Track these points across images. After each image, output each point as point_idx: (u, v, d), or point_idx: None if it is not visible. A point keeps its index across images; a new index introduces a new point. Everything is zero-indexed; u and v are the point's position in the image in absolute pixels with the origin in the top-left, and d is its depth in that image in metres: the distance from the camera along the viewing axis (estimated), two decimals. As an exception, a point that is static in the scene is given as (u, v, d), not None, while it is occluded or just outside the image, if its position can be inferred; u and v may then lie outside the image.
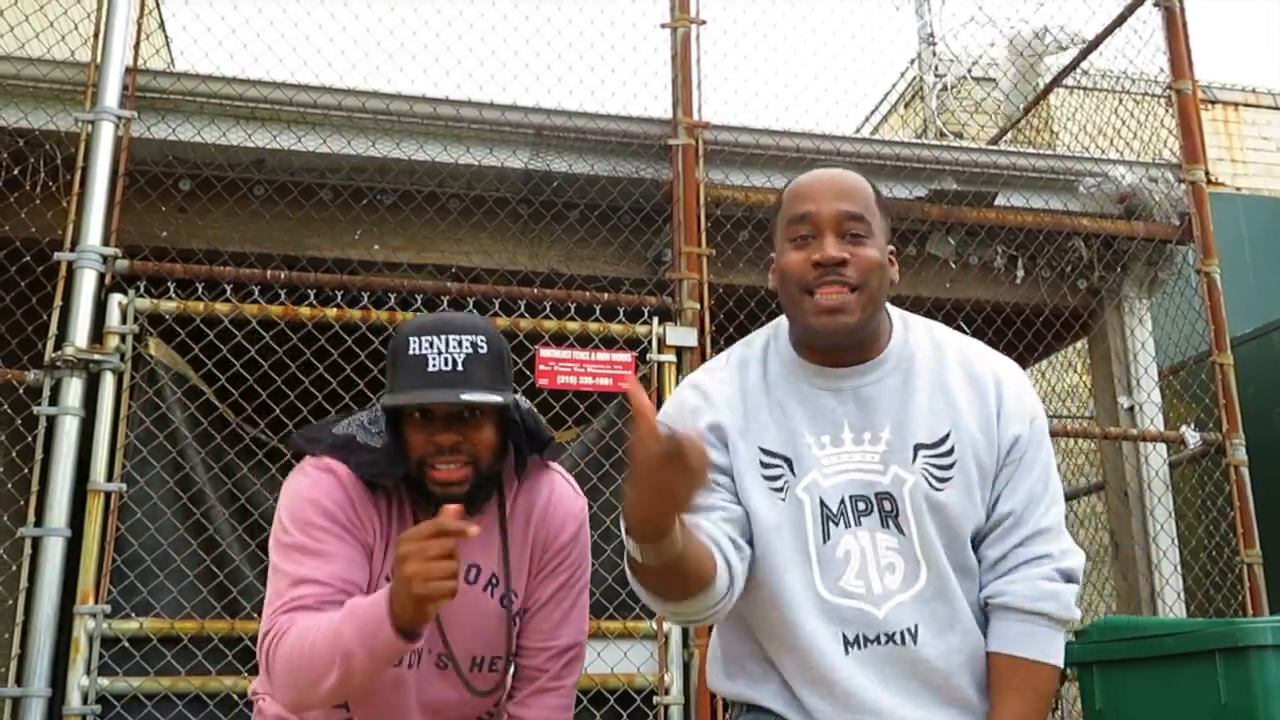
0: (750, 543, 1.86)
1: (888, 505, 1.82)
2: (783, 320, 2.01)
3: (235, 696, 3.80)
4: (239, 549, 4.01)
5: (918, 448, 1.85)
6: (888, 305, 1.96)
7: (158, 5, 7.06)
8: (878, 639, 1.79)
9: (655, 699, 4.13)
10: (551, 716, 2.18)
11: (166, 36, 7.63)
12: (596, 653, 4.13)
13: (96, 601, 3.73)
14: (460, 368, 2.00)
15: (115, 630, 3.75)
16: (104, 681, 3.70)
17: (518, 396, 2.20)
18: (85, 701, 3.67)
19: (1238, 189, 9.80)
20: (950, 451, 1.85)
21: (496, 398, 2.01)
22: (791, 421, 1.87)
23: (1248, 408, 5.08)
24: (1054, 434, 5.66)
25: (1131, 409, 5.40)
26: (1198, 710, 3.53)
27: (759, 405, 1.89)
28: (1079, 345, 6.19)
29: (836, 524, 1.82)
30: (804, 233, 1.86)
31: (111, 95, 4.15)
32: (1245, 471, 4.89)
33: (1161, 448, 5.32)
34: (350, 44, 4.75)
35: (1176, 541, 5.21)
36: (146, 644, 3.79)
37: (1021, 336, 5.37)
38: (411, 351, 2.02)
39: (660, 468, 1.49)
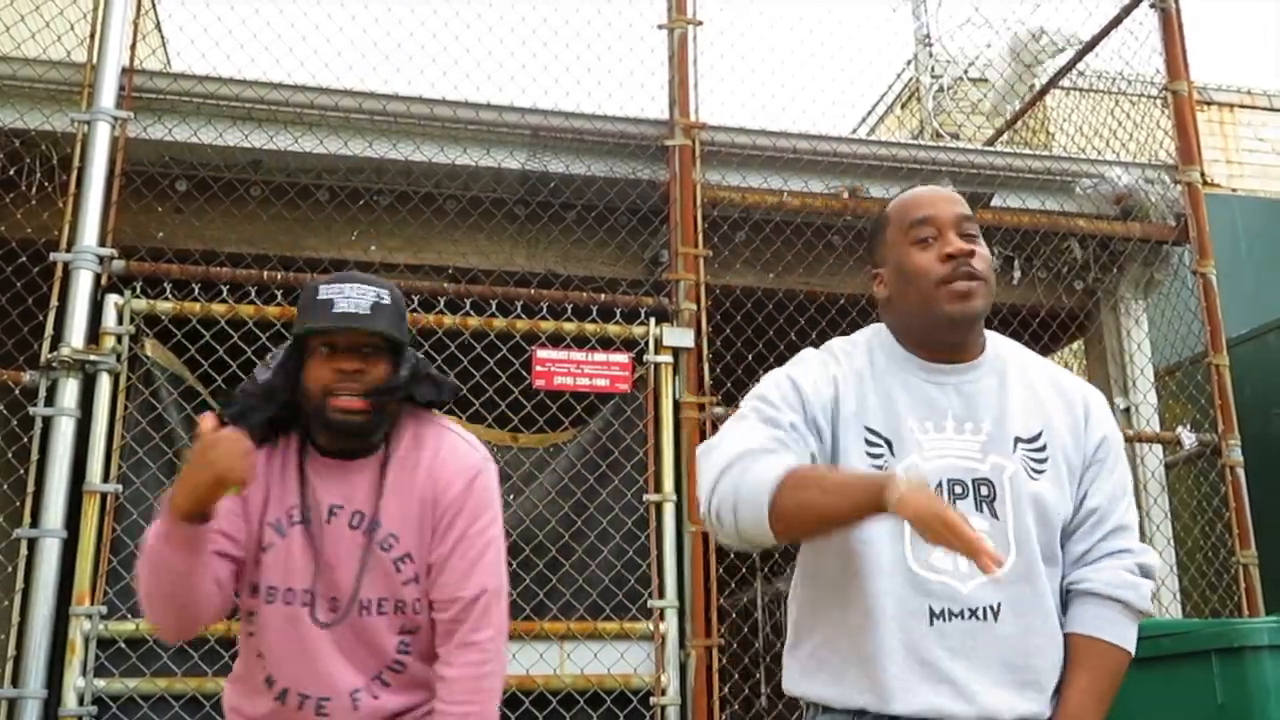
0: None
1: (984, 490, 1.93)
2: (877, 325, 2.15)
3: (232, 698, 3.79)
4: (235, 550, 4.01)
5: (1017, 440, 1.98)
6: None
7: (154, 6, 7.05)
8: (961, 614, 1.88)
9: (652, 700, 4.13)
10: (470, 672, 2.23)
11: (163, 37, 7.62)
12: (593, 653, 4.13)
13: (92, 603, 3.73)
14: (367, 311, 2.21)
15: (111, 631, 3.75)
16: (100, 683, 3.70)
17: (418, 355, 2.37)
18: (81, 703, 3.67)
19: (1233, 190, 9.81)
20: (1044, 448, 1.99)
21: (396, 334, 2.24)
22: (895, 406, 1.99)
23: (1244, 408, 5.08)
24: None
25: (1128, 410, 5.40)
26: (1194, 710, 3.53)
27: (867, 388, 2.01)
28: (1075, 346, 6.20)
29: None
30: (927, 234, 2.01)
31: (108, 96, 4.15)
32: (1241, 472, 4.89)
33: (1158, 448, 5.33)
34: (346, 45, 4.75)
35: (1173, 542, 5.22)
36: (142, 645, 3.79)
37: (1018, 337, 5.32)
38: (320, 296, 2.24)
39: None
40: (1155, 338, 5.53)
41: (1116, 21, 5.61)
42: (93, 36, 4.24)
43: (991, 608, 1.89)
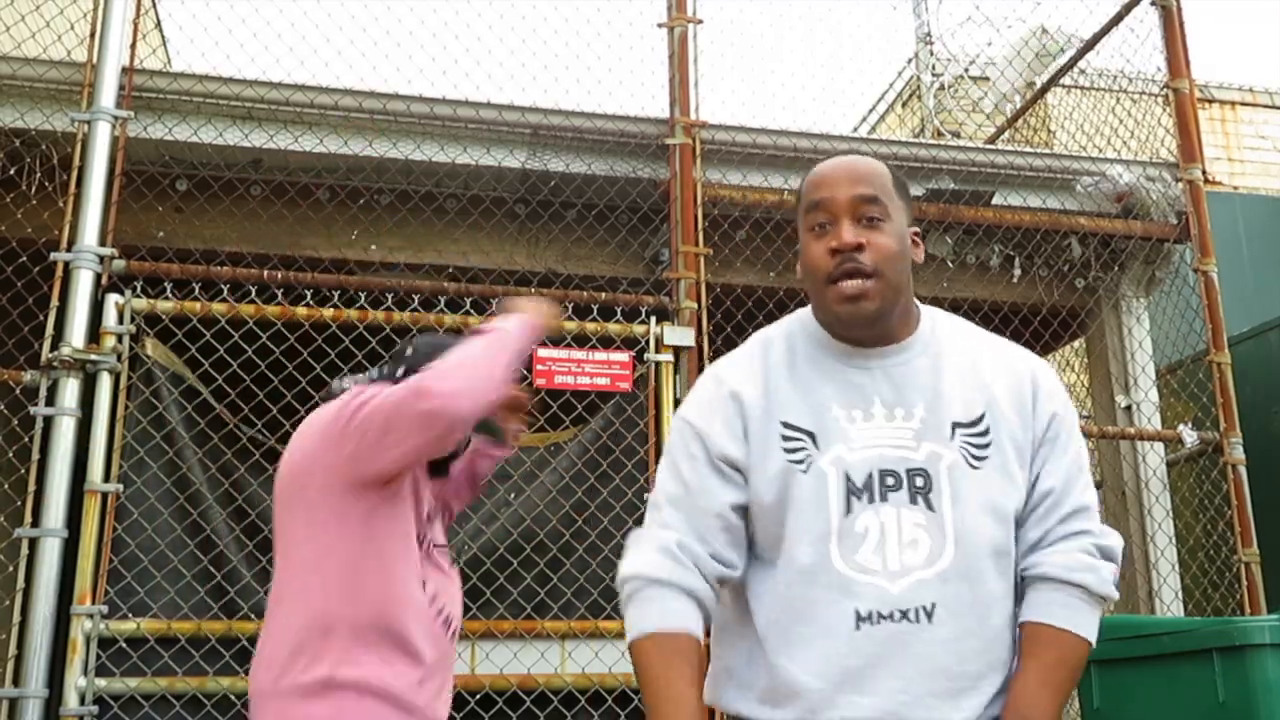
0: (750, 542, 1.88)
1: (919, 481, 1.79)
2: (806, 309, 2.01)
3: (233, 697, 3.79)
4: (236, 549, 4.01)
5: (955, 426, 1.83)
6: (915, 300, 1.96)
7: (154, 5, 7.06)
8: (890, 616, 1.73)
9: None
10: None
11: (163, 36, 7.63)
12: (594, 652, 4.13)
13: (93, 602, 3.73)
14: None
15: (112, 631, 3.75)
16: (101, 682, 3.70)
17: None
18: (82, 702, 3.66)
19: (1235, 188, 9.81)
20: (986, 431, 1.84)
21: None
22: (817, 395, 1.85)
23: (1245, 406, 5.08)
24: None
25: (1129, 408, 5.40)
26: (1196, 709, 3.53)
27: (781, 381, 1.88)
28: (1076, 344, 6.19)
29: (860, 498, 1.78)
30: (821, 220, 1.85)
31: (108, 95, 4.15)
32: (1243, 470, 4.89)
33: (1159, 447, 5.32)
34: (346, 44, 4.74)
35: (1174, 540, 5.22)
36: (143, 645, 3.79)
37: (1019, 335, 5.37)
38: None
39: None
40: (1156, 336, 5.53)
41: (1117, 19, 5.60)
42: (93, 36, 4.23)
43: (925, 608, 1.73)
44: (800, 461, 1.81)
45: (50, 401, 3.82)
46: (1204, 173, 5.30)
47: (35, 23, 4.48)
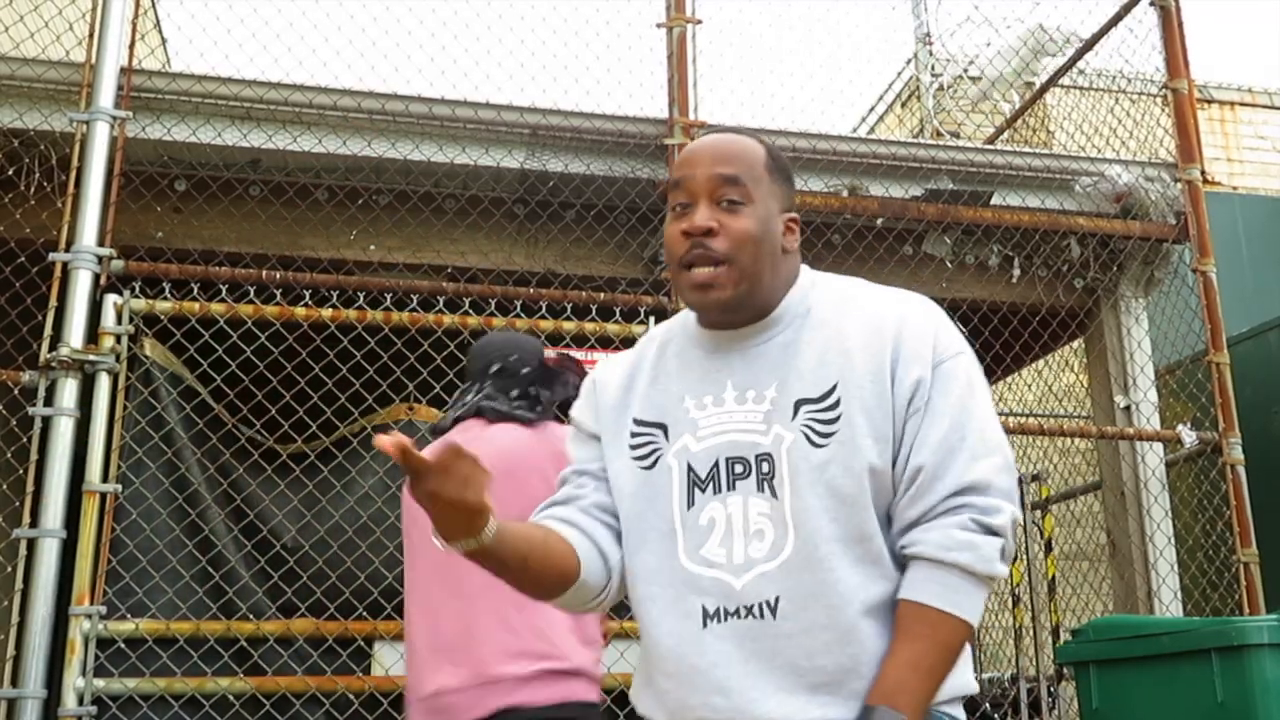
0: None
1: (765, 467, 1.68)
2: None
3: (231, 698, 3.79)
4: (235, 550, 4.01)
5: (799, 404, 1.70)
6: (805, 269, 1.87)
7: (153, 5, 7.05)
8: (737, 612, 1.64)
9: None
10: None
11: (162, 36, 7.63)
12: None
13: (92, 603, 3.72)
14: None
15: (111, 631, 3.75)
16: (99, 683, 3.70)
17: None
18: (81, 703, 3.66)
19: (1234, 188, 9.81)
20: (834, 405, 1.69)
21: None
22: (674, 388, 1.79)
23: (1244, 407, 5.08)
24: (1050, 433, 5.68)
25: (1128, 408, 5.40)
26: (1194, 708, 3.53)
27: (639, 379, 1.84)
28: (1075, 344, 6.19)
29: (704, 490, 1.71)
30: (681, 200, 1.76)
31: (106, 95, 4.15)
32: (1242, 470, 4.89)
33: (1158, 447, 5.32)
34: (344, 44, 4.75)
35: (1173, 540, 5.22)
36: (142, 645, 3.79)
37: (1018, 336, 5.37)
38: None
39: (431, 483, 1.49)
40: (1155, 336, 5.53)
41: (1116, 19, 5.60)
42: (91, 36, 4.23)
43: (768, 603, 1.63)
44: (644, 458, 1.77)
45: (49, 402, 3.82)
46: (1203, 173, 5.30)
47: (34, 23, 4.48)
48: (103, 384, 3.88)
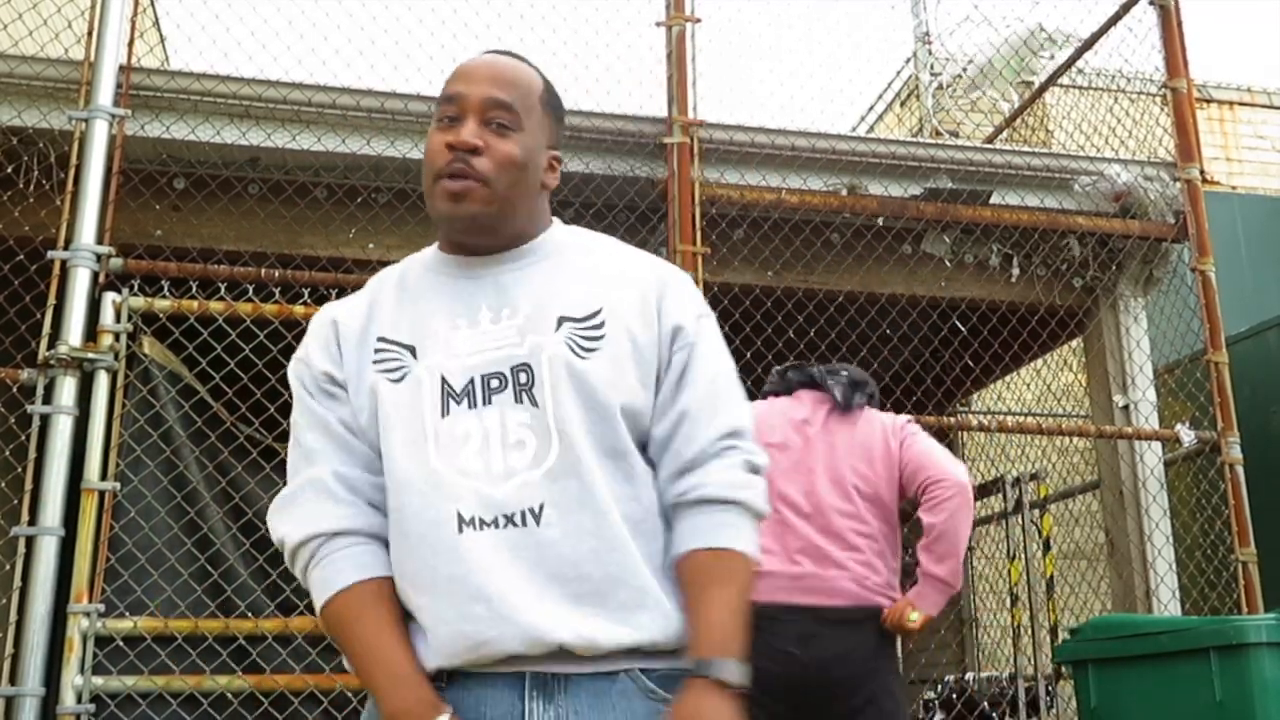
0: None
1: (523, 378, 1.65)
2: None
3: (230, 696, 3.80)
4: (233, 548, 4.01)
5: (562, 319, 1.69)
6: (557, 220, 1.86)
7: (152, 3, 7.05)
8: (495, 521, 1.58)
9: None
10: None
11: (161, 34, 7.62)
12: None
13: (90, 600, 3.72)
14: None
15: (109, 629, 3.75)
16: (98, 680, 3.70)
17: None
18: (79, 700, 3.66)
19: (1233, 188, 9.82)
20: (600, 325, 1.69)
21: None
22: (420, 310, 1.74)
23: (1243, 406, 5.08)
24: (1049, 432, 5.68)
25: (1127, 407, 5.40)
26: (1193, 707, 3.53)
27: (386, 303, 1.77)
28: (1074, 344, 6.20)
29: (459, 403, 1.65)
30: (450, 114, 1.73)
31: (105, 93, 4.14)
32: (1240, 470, 4.89)
33: (1157, 446, 5.32)
34: (343, 42, 4.75)
35: (1171, 540, 5.22)
36: (140, 643, 3.79)
37: (1017, 335, 5.38)
38: None
39: None
40: (1154, 335, 5.53)
41: (1116, 19, 5.61)
42: (90, 34, 4.23)
43: (532, 510, 1.58)
44: (392, 372, 1.69)
45: (47, 400, 3.81)
46: (1202, 172, 5.30)
47: (32, 21, 4.48)
48: (101, 382, 3.88)
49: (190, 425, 4.09)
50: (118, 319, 3.95)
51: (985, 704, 5.68)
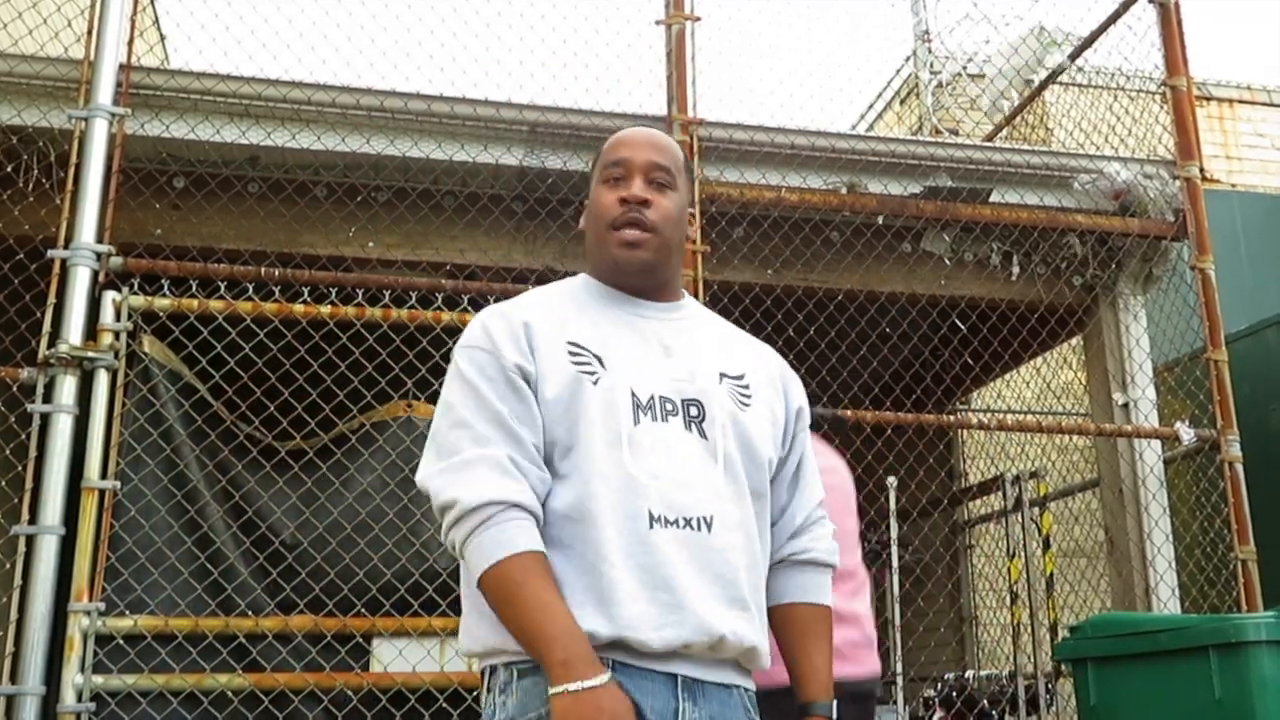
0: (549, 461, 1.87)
1: (694, 411, 1.91)
2: (581, 276, 2.12)
3: (230, 694, 3.80)
4: (233, 546, 4.01)
5: (722, 375, 1.97)
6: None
7: (151, 2, 7.05)
8: (677, 521, 1.80)
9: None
10: None
11: (160, 33, 7.62)
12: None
13: (91, 599, 3.72)
14: None
15: (109, 628, 3.75)
16: (98, 679, 3.70)
17: None
18: (79, 699, 3.66)
19: (1233, 186, 9.82)
20: (748, 386, 1.99)
21: None
22: (601, 329, 1.95)
23: (1242, 404, 5.08)
24: (1049, 431, 5.69)
25: (1126, 405, 5.40)
26: (1192, 705, 3.54)
27: (569, 311, 1.97)
28: (1074, 342, 6.20)
29: (645, 414, 1.87)
30: (617, 174, 2.01)
31: (105, 92, 4.14)
32: (1240, 468, 4.89)
33: (1156, 444, 5.33)
34: (344, 41, 4.74)
35: (1171, 538, 5.22)
36: (141, 641, 3.79)
37: (1016, 333, 5.38)
38: None
39: None
40: (1154, 333, 5.54)
41: (1115, 17, 5.61)
42: (90, 33, 4.23)
43: (705, 519, 1.83)
44: (590, 374, 1.87)
45: (48, 399, 3.82)
46: (1201, 170, 5.30)
47: (32, 20, 4.48)
48: (101, 381, 3.88)
49: (190, 424, 4.09)
50: (118, 318, 3.95)
51: (985, 702, 5.69)
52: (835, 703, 1.95)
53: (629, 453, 1.82)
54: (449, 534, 1.80)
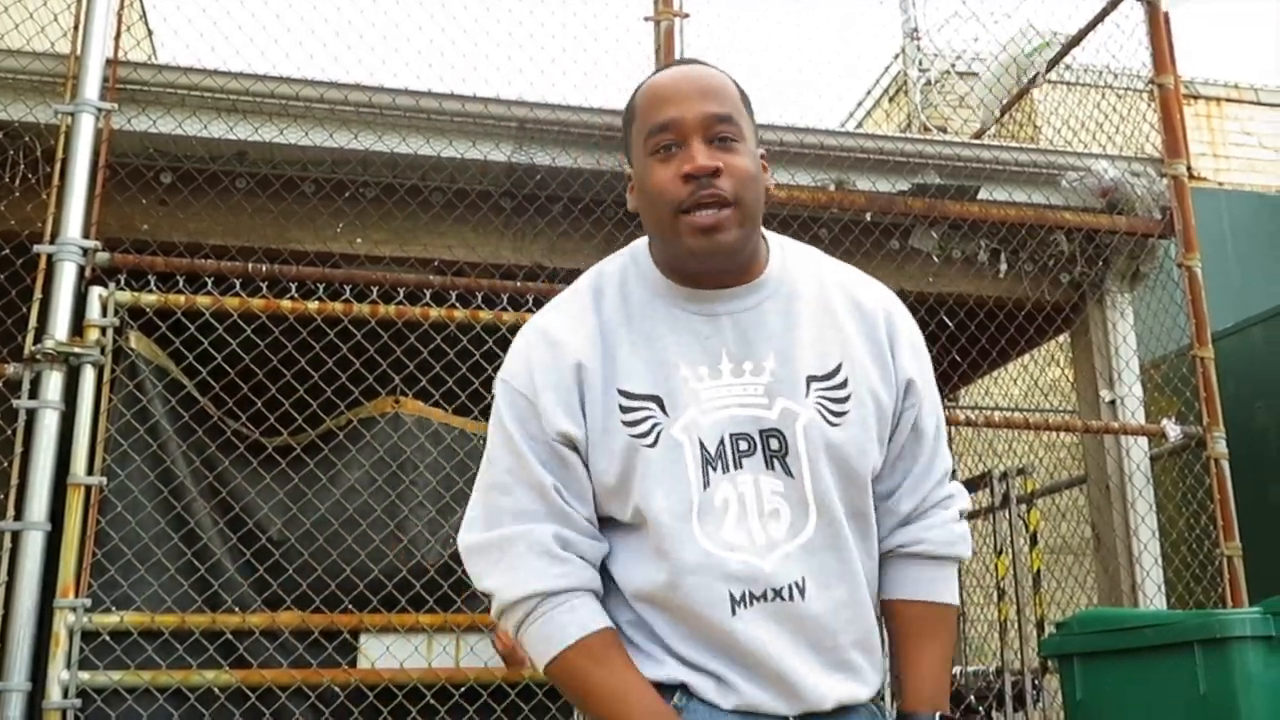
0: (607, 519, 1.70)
1: (774, 444, 1.61)
2: (640, 241, 1.78)
3: (216, 690, 3.79)
4: (220, 543, 4.01)
5: (810, 380, 1.64)
6: (761, 227, 1.74)
7: (139, -3, 7.02)
8: (764, 595, 1.57)
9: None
10: None
11: (148, 28, 7.59)
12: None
13: (77, 595, 3.72)
14: None
15: (96, 624, 3.74)
16: (84, 675, 3.69)
17: None
18: (65, 695, 3.65)
19: (1220, 184, 9.85)
20: (844, 384, 1.66)
21: None
22: (662, 354, 1.64)
23: (1228, 401, 5.10)
24: (1036, 427, 5.70)
25: (1113, 402, 5.42)
26: (1177, 701, 3.55)
27: (620, 340, 1.65)
28: (1061, 339, 6.21)
29: (715, 469, 1.60)
30: (667, 141, 1.62)
31: (92, 87, 4.13)
32: (1226, 465, 4.91)
33: (1143, 441, 5.34)
34: (332, 36, 4.73)
35: (1157, 534, 5.24)
36: (127, 638, 3.78)
37: (1004, 330, 5.39)
38: None
39: None
40: (1141, 331, 5.55)
41: (1103, 15, 5.62)
42: (76, 27, 4.21)
43: (797, 584, 1.58)
44: (646, 434, 1.61)
45: (33, 394, 3.80)
46: (1189, 168, 5.32)
47: (18, 14, 4.46)
48: (88, 377, 3.87)
49: (177, 420, 4.08)
50: (104, 313, 3.94)
51: (972, 698, 5.71)
52: (938, 715, 1.69)
53: (699, 525, 1.58)
54: (498, 621, 1.66)
